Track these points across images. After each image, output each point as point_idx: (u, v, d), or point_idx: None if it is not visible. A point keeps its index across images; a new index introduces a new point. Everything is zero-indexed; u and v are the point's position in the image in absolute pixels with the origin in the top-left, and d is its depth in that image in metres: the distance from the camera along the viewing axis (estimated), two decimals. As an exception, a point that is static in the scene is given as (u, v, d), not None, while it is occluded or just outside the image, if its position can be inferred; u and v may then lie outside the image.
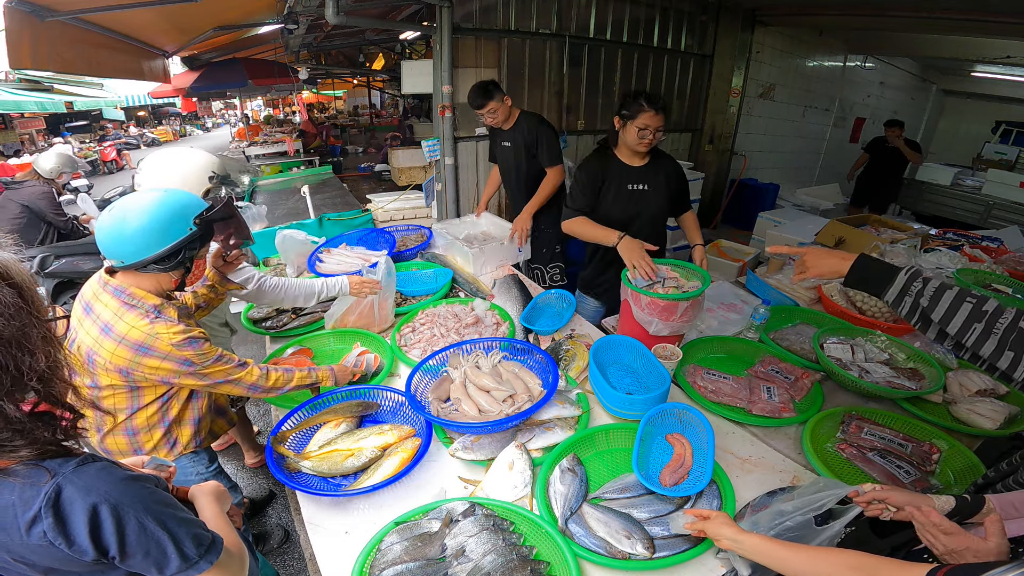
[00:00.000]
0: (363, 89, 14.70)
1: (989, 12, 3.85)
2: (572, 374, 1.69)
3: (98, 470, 0.73)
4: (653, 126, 1.98)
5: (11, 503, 0.68)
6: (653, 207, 2.17)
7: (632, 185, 2.14)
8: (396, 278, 2.07)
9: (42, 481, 0.68)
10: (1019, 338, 0.91)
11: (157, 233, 1.21)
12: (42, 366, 0.68)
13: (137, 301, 1.23)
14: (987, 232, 3.46)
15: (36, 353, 0.67)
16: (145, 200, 1.22)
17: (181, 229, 1.24)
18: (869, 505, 1.01)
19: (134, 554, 0.74)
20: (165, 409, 1.37)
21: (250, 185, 5.62)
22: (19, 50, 3.15)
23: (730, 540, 0.96)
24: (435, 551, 1.10)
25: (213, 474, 1.61)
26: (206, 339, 1.28)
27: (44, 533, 0.68)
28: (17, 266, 0.69)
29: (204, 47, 6.51)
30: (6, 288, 0.65)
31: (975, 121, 10.17)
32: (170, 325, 1.22)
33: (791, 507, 1.02)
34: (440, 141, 3.90)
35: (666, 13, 4.97)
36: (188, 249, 1.27)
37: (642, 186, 2.14)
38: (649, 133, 1.98)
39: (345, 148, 11.28)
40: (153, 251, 1.21)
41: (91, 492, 0.70)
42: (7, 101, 9.87)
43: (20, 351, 0.65)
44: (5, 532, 0.68)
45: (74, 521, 0.69)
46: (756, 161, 6.43)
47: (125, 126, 18.41)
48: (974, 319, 0.96)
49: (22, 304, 0.67)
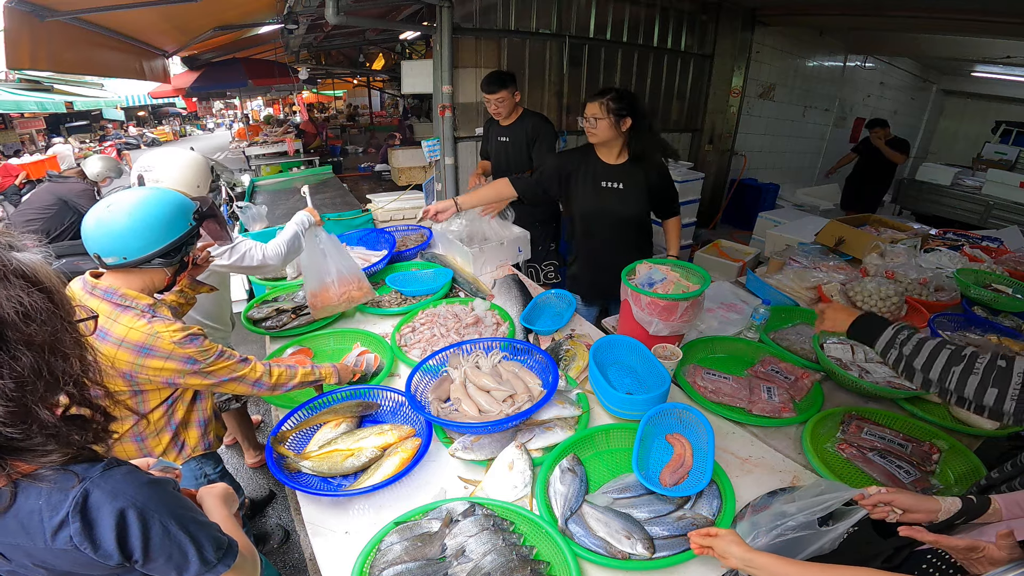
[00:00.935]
0: (363, 89, 14.70)
1: (989, 12, 3.85)
2: (572, 374, 1.69)
3: (124, 474, 0.73)
4: (589, 115, 2.03)
5: (37, 508, 0.67)
6: (624, 207, 2.16)
7: (606, 182, 2.15)
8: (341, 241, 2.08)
9: (70, 486, 0.68)
10: (1000, 374, 0.95)
11: (164, 227, 1.22)
12: (76, 370, 0.67)
13: (130, 301, 1.21)
14: (987, 232, 3.46)
15: (70, 357, 0.67)
16: (145, 196, 1.22)
17: (184, 224, 1.26)
18: (875, 508, 1.00)
19: (157, 558, 0.74)
20: (171, 412, 1.36)
21: (250, 185, 5.61)
22: (18, 50, 3.15)
23: (739, 559, 0.92)
24: (435, 551, 1.10)
25: (219, 476, 1.61)
26: (205, 336, 1.27)
27: (71, 538, 0.67)
28: (46, 269, 0.68)
29: (204, 47, 6.51)
30: (36, 293, 0.64)
31: (975, 121, 10.18)
32: (168, 323, 1.21)
33: (794, 508, 1.02)
34: (440, 141, 3.90)
35: (666, 13, 4.97)
36: (188, 244, 1.28)
37: (616, 184, 2.14)
38: (590, 123, 2.04)
39: (345, 148, 11.26)
40: (159, 245, 1.21)
41: (118, 497, 0.70)
42: (7, 101, 9.86)
43: (54, 356, 0.65)
44: (29, 537, 0.67)
45: (102, 526, 0.68)
46: (756, 161, 6.43)
47: (125, 126, 18.41)
48: (953, 363, 1.01)
49: (53, 308, 0.66)
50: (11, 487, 0.66)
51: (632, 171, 2.14)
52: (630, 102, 2.03)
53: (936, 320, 2.04)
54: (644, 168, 2.15)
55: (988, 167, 6.41)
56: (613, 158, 2.15)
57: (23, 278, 0.63)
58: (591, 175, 2.17)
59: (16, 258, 0.64)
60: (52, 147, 7.97)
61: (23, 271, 0.64)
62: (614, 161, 2.15)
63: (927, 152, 10.82)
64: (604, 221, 2.21)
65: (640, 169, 2.14)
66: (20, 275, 0.63)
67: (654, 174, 2.16)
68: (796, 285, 2.35)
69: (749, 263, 4.13)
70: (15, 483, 0.66)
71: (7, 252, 0.64)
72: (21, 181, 7.22)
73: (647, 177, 2.15)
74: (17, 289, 0.62)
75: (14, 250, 0.65)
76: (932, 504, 0.99)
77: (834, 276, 2.35)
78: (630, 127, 2.06)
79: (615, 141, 2.12)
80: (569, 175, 2.21)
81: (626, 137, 2.11)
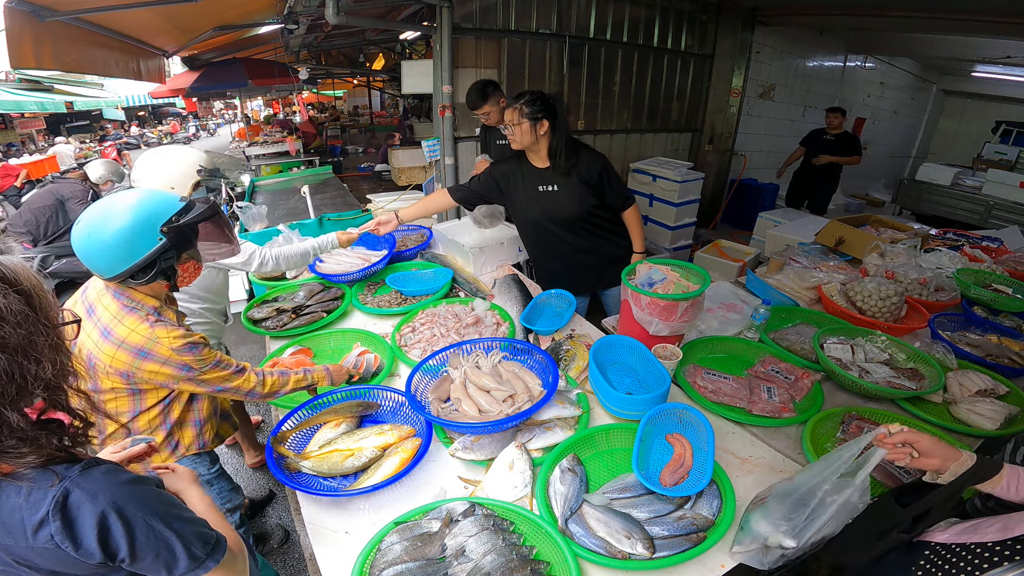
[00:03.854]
0: (363, 89, 14.70)
1: (989, 12, 3.85)
2: (572, 374, 1.69)
3: (103, 473, 0.73)
4: (507, 120, 2.05)
5: (17, 506, 0.67)
6: (566, 207, 2.16)
7: (543, 186, 2.17)
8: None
9: (49, 484, 0.68)
10: None
11: (122, 250, 1.14)
12: (48, 374, 0.67)
13: (137, 303, 1.22)
14: (987, 232, 3.46)
15: (43, 361, 0.66)
16: (106, 214, 1.15)
17: (148, 241, 1.16)
18: (896, 448, 0.99)
19: (144, 556, 0.74)
20: (167, 412, 1.37)
21: (250, 185, 5.61)
22: (20, 50, 3.15)
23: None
24: (435, 551, 1.10)
25: (215, 476, 1.61)
26: (206, 344, 1.27)
27: (51, 536, 0.67)
28: (26, 271, 0.68)
29: (204, 47, 6.51)
30: (13, 295, 0.64)
31: (975, 121, 10.17)
32: (170, 329, 1.21)
33: (814, 471, 1.02)
34: (440, 141, 3.90)
35: (666, 13, 4.97)
36: (163, 259, 1.20)
37: (551, 187, 2.16)
38: (508, 129, 2.07)
39: (345, 148, 11.27)
40: (124, 266, 1.15)
41: (98, 496, 0.70)
42: (7, 101, 9.87)
43: (26, 359, 0.64)
44: (10, 535, 0.68)
45: (82, 524, 0.69)
46: (756, 161, 6.43)
47: (126, 126, 18.40)
48: None
49: (29, 312, 0.65)
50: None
51: (562, 171, 2.12)
52: (544, 104, 2.03)
53: (936, 320, 2.04)
54: (575, 165, 2.11)
55: (988, 167, 6.41)
56: (543, 162, 2.15)
57: (1, 280, 0.64)
58: (527, 181, 2.19)
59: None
60: (53, 147, 7.98)
61: (2, 273, 0.64)
62: (544, 164, 2.16)
63: (927, 152, 10.81)
64: (550, 225, 2.22)
65: (570, 168, 2.11)
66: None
67: (585, 171, 2.12)
68: (796, 285, 2.35)
69: (749, 263, 4.13)
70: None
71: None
72: (21, 182, 7.23)
73: (578, 174, 2.12)
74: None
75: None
76: (950, 451, 0.98)
77: (834, 276, 2.35)
78: (548, 129, 2.07)
79: (537, 145, 2.12)
80: (508, 182, 2.23)
81: (548, 140, 2.10)
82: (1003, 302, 2.20)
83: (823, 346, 1.79)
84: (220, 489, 1.65)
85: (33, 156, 9.44)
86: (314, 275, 2.38)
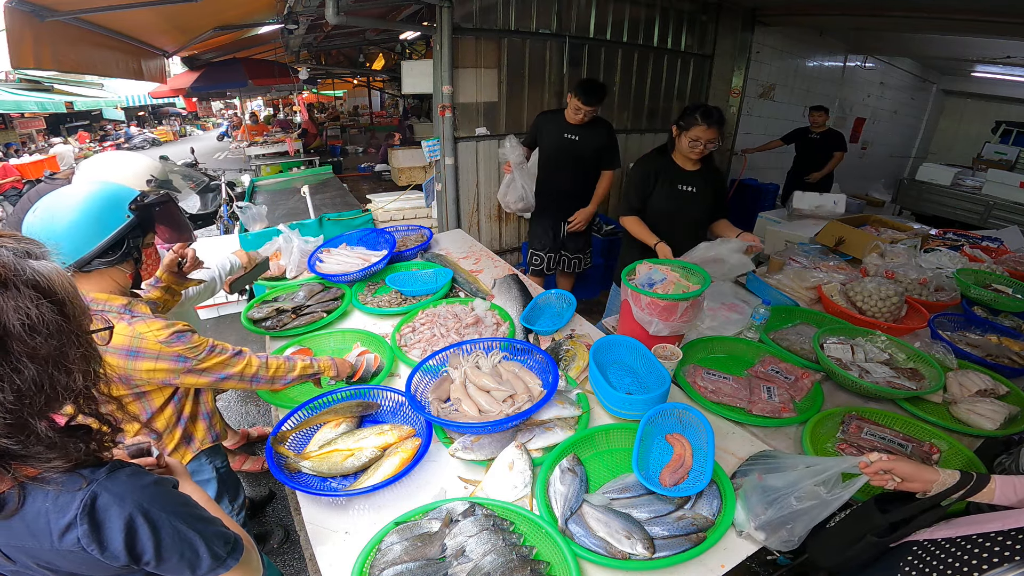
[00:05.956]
0: (363, 89, 14.69)
1: (989, 12, 3.85)
2: (572, 374, 1.69)
3: (128, 475, 0.73)
4: (704, 139, 2.19)
5: (44, 510, 0.67)
6: (696, 208, 2.39)
7: (682, 185, 2.35)
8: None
9: (76, 488, 0.68)
10: None
11: (92, 225, 1.11)
12: (79, 385, 0.66)
13: (101, 305, 1.16)
14: (987, 232, 3.46)
15: (73, 372, 0.65)
16: (72, 194, 1.13)
17: (118, 217, 1.15)
18: (876, 475, 1.03)
19: (170, 558, 0.74)
20: (180, 408, 1.37)
21: (250, 185, 5.61)
22: (20, 50, 3.15)
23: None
24: (435, 551, 1.10)
25: (225, 470, 1.61)
26: (192, 331, 1.22)
27: (78, 539, 0.67)
28: (60, 278, 0.64)
29: (204, 47, 6.51)
30: (46, 304, 0.61)
31: (975, 121, 10.16)
32: (150, 323, 1.16)
33: (791, 480, 1.06)
34: (440, 141, 3.90)
35: (666, 13, 4.97)
36: (132, 237, 1.18)
37: (690, 188, 2.35)
38: (700, 144, 2.21)
39: (345, 148, 11.28)
40: (92, 244, 1.11)
41: (126, 499, 0.70)
42: (7, 101, 9.88)
43: (57, 370, 0.62)
44: (34, 538, 0.67)
45: (109, 528, 0.69)
46: (756, 161, 6.42)
47: (128, 126, 18.39)
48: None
49: (63, 321, 0.63)
50: (19, 489, 0.65)
51: (703, 177, 2.36)
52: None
53: (936, 320, 2.04)
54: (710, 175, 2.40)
55: (988, 167, 6.40)
56: (689, 165, 2.36)
57: (35, 288, 0.61)
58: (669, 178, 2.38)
59: (31, 267, 0.62)
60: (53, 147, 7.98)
61: (36, 281, 0.61)
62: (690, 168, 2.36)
63: (927, 152, 10.81)
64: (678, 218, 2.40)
65: (708, 176, 2.38)
66: (32, 285, 0.61)
67: (716, 181, 2.43)
68: (796, 285, 2.35)
69: (749, 263, 4.12)
70: (22, 485, 0.66)
71: (23, 260, 0.61)
72: (22, 182, 7.24)
73: (712, 184, 2.39)
74: (26, 300, 0.59)
75: (31, 258, 0.63)
76: (931, 474, 1.01)
77: (834, 276, 2.35)
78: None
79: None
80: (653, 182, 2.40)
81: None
82: (1003, 302, 2.20)
83: (823, 346, 1.79)
84: (230, 485, 1.65)
85: (33, 156, 9.45)
86: (314, 275, 2.38)
